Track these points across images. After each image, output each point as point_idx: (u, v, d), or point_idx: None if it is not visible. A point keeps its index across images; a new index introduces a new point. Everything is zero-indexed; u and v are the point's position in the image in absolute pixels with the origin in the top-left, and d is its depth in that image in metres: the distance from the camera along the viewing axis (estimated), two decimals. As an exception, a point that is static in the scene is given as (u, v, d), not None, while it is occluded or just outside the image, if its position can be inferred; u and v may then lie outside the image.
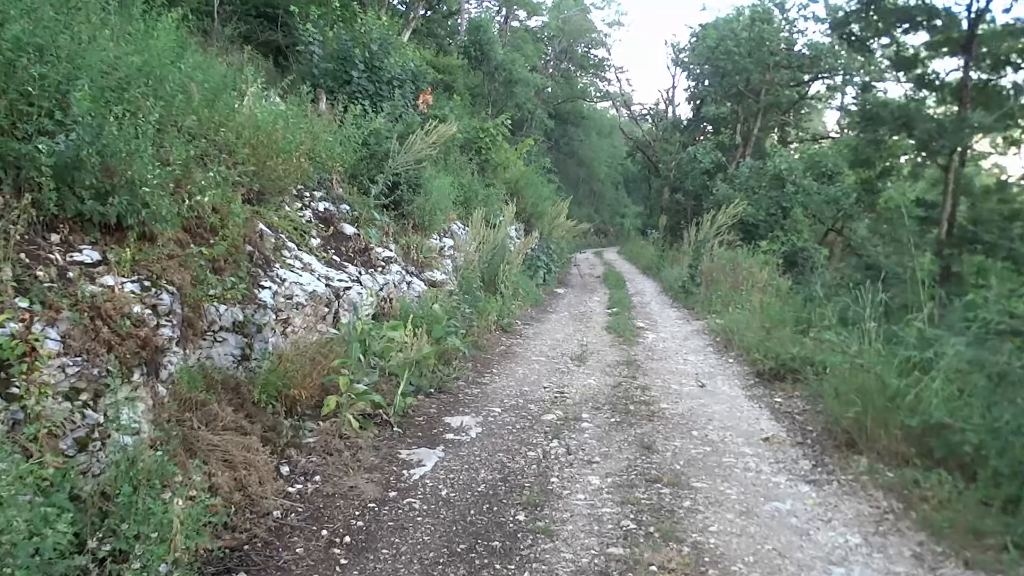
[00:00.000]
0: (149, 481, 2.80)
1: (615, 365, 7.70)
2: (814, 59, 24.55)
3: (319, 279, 6.05)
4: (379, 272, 7.63)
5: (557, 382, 6.68)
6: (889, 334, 5.10)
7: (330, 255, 7.02)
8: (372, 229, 8.03)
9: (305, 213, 7.18)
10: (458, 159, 14.45)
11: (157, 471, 2.81)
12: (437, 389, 6.05)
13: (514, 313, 11.09)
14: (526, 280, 14.40)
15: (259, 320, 4.82)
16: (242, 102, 6.15)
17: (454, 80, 19.96)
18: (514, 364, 7.52)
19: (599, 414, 5.55)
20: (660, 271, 20.09)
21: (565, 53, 40.70)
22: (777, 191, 20.60)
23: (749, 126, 25.42)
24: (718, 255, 14.98)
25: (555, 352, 8.38)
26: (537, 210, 18.57)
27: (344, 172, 8.39)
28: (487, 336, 8.97)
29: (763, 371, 6.87)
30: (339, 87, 11.62)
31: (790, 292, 13.47)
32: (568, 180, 38.70)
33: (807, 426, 5.21)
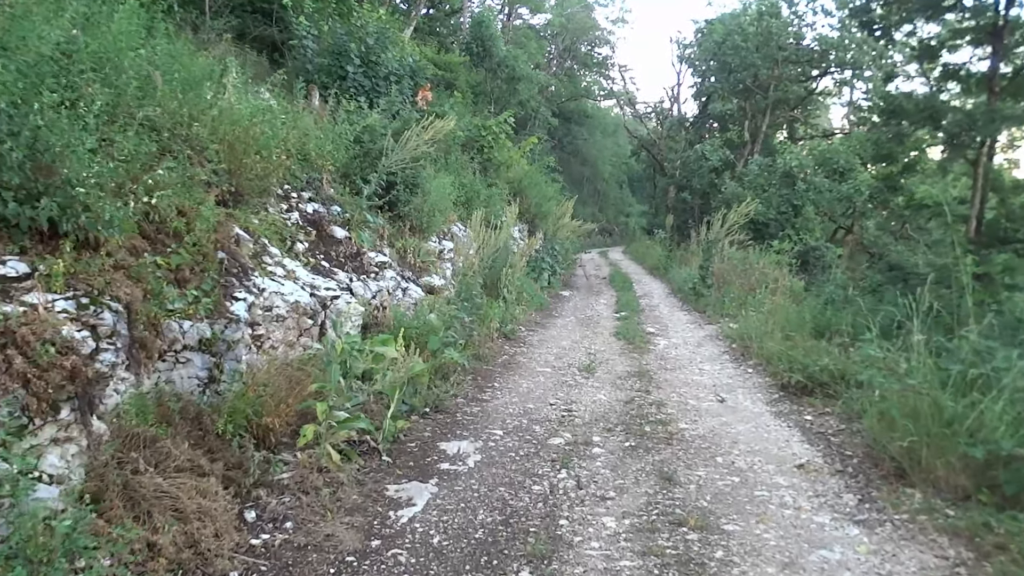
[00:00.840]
0: (65, 547, 2.27)
1: (626, 376, 7.16)
2: (823, 53, 23.94)
3: (303, 288, 5.53)
4: (372, 278, 7.10)
5: (564, 397, 6.14)
6: (935, 346, 4.54)
7: (318, 261, 6.50)
8: (365, 232, 7.50)
9: (291, 216, 6.65)
10: (459, 158, 13.91)
11: (73, 536, 2.27)
12: (433, 408, 5.52)
13: (518, 319, 10.56)
14: (530, 283, 13.86)
15: (230, 336, 4.30)
16: (221, 95, 5.62)
17: (456, 78, 19.43)
18: (518, 376, 6.98)
19: (612, 436, 5.00)
20: (668, 272, 19.54)
21: (568, 51, 40.13)
22: (788, 189, 20.02)
23: (757, 123, 24.82)
24: (729, 255, 14.43)
25: (561, 362, 7.84)
26: (541, 210, 18.02)
27: (335, 171, 7.87)
28: (489, 345, 8.43)
29: (788, 384, 6.31)
30: (334, 83, 11.12)
31: (805, 293, 12.96)
32: (572, 179, 38.16)
33: (845, 450, 4.65)
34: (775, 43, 23.34)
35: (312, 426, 3.82)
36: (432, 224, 9.27)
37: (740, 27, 24.08)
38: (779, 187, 20.10)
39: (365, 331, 6.39)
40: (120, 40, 4.06)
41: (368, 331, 6.41)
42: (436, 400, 5.59)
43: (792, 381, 6.17)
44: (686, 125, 33.88)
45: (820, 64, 24.45)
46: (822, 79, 25.63)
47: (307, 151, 7.48)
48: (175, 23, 8.12)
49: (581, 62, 41.27)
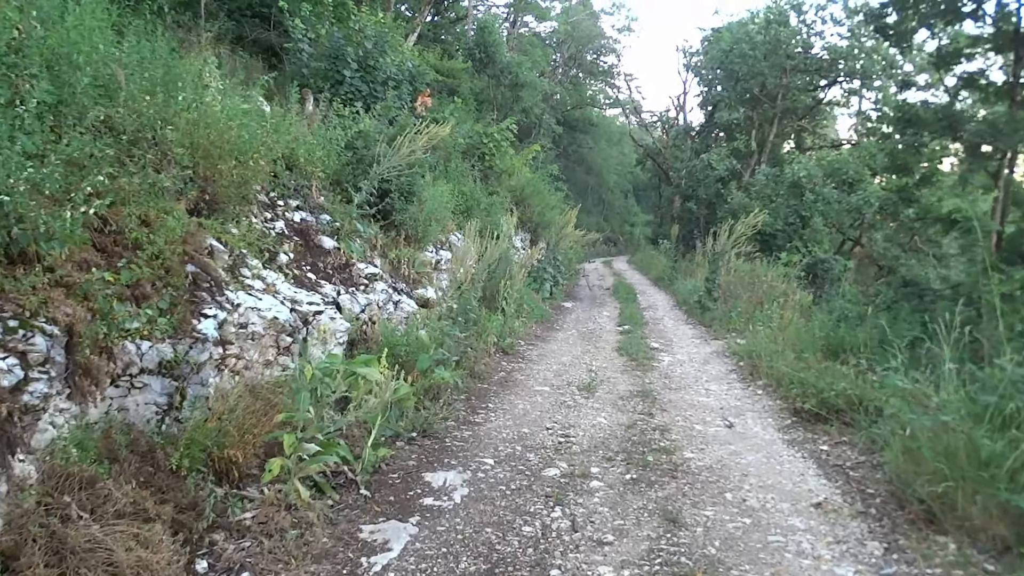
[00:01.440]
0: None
1: (628, 397, 6.78)
2: (832, 62, 23.60)
3: (284, 302, 5.17)
4: (361, 291, 6.74)
5: (562, 421, 5.76)
6: (967, 375, 4.15)
7: (303, 273, 6.15)
8: (355, 242, 7.15)
9: (275, 225, 6.30)
10: (460, 165, 13.58)
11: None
12: (421, 432, 5.14)
13: (517, 332, 10.20)
14: (531, 294, 13.50)
15: (196, 357, 3.94)
16: (201, 97, 5.28)
17: (459, 84, 19.14)
18: (514, 396, 6.60)
19: (611, 468, 4.62)
20: (673, 283, 19.16)
21: (574, 59, 39.88)
22: (796, 200, 19.67)
23: (764, 132, 24.47)
24: (736, 268, 14.05)
25: (561, 380, 7.47)
26: (544, 219, 17.68)
27: (326, 178, 7.53)
28: (485, 361, 8.06)
29: (801, 409, 5.92)
30: (331, 87, 10.81)
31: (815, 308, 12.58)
32: (577, 188, 37.83)
33: (866, 487, 4.26)
34: (783, 51, 23.00)
35: (279, 460, 3.45)
36: (428, 234, 8.92)
37: (748, 35, 23.76)
38: (787, 197, 19.75)
39: (352, 348, 6.04)
40: (77, 34, 3.71)
41: (355, 348, 6.06)
42: (424, 424, 5.21)
43: (806, 407, 5.77)
44: (692, 134, 33.54)
45: (828, 73, 24.10)
46: (830, 88, 25.26)
47: (296, 157, 7.15)
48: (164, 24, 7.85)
49: (587, 70, 41.02)
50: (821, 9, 22.95)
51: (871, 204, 19.16)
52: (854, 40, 22.42)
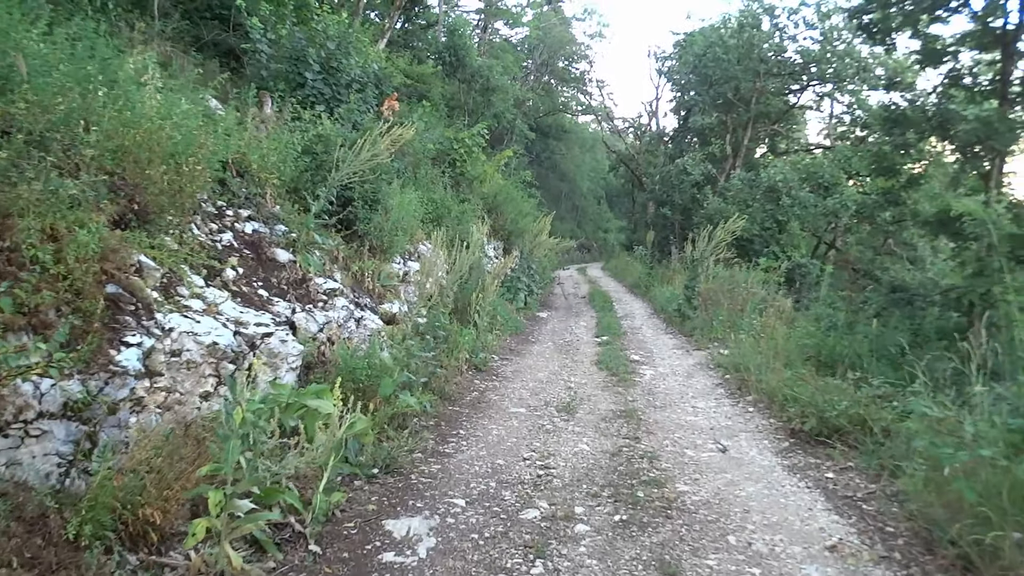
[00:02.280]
0: None
1: (611, 418, 6.28)
2: (805, 66, 23.45)
3: (227, 324, 4.60)
4: (319, 308, 6.18)
5: (541, 449, 5.24)
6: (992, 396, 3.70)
7: (254, 290, 5.57)
8: (313, 254, 6.59)
9: (223, 237, 5.72)
10: (429, 172, 13.05)
11: None
12: (384, 468, 4.59)
13: (491, 346, 9.67)
14: (505, 305, 12.99)
15: (112, 395, 3.36)
16: (127, 95, 4.69)
17: (429, 89, 18.60)
18: (488, 420, 6.07)
19: (598, 506, 4.10)
20: (649, 290, 18.76)
21: (546, 65, 39.53)
22: (772, 204, 19.39)
23: (738, 137, 24.23)
24: (716, 274, 13.65)
25: (538, 399, 6.95)
26: (517, 227, 17.18)
27: (281, 186, 6.95)
28: (457, 380, 7.54)
29: (798, 429, 5.45)
30: (292, 90, 10.24)
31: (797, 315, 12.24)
32: (550, 195, 37.44)
33: (885, 524, 3.79)
34: (757, 55, 22.80)
35: (203, 521, 2.89)
36: (395, 244, 8.37)
37: (721, 39, 23.54)
38: (763, 202, 19.46)
39: (308, 372, 5.47)
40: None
41: (312, 372, 5.49)
42: (387, 458, 4.66)
43: (805, 428, 5.30)
44: (665, 140, 33.31)
45: (801, 77, 23.95)
46: (803, 92, 25.13)
47: (247, 162, 6.58)
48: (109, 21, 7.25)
49: (559, 77, 40.70)
50: (794, 13, 22.76)
51: (848, 208, 18.94)
52: (826, 44, 22.29)
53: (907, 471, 3.90)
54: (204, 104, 7.33)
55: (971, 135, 7.26)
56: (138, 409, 3.58)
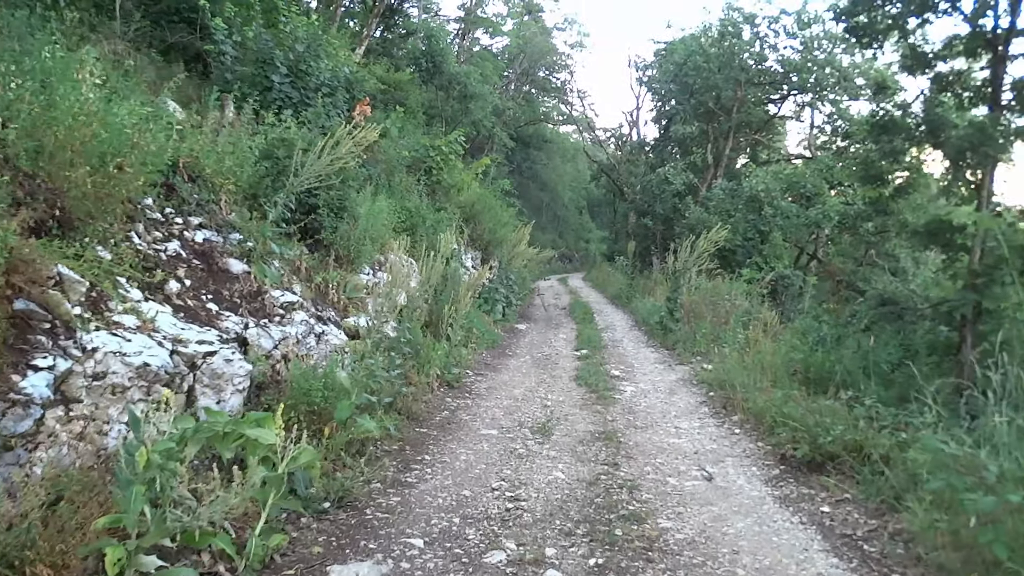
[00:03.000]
0: None
1: (589, 440, 5.88)
2: (785, 75, 23.30)
3: (163, 342, 4.15)
4: (275, 323, 5.73)
5: (512, 477, 4.82)
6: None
7: (202, 303, 5.13)
8: (271, 265, 6.14)
9: (168, 246, 5.27)
10: (404, 180, 12.63)
11: None
12: (336, 502, 4.15)
13: (465, 361, 9.25)
14: (481, 317, 12.57)
15: (9, 428, 2.92)
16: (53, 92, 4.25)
17: (407, 97, 18.20)
18: (456, 443, 5.64)
19: (571, 547, 3.69)
20: (631, 301, 18.42)
21: (526, 75, 39.30)
22: (754, 214, 19.16)
23: (720, 146, 24.04)
24: (699, 286, 13.33)
25: (512, 420, 6.53)
26: (496, 236, 16.80)
27: (238, 191, 6.51)
28: (427, 398, 7.11)
29: (788, 455, 5.08)
30: (259, 94, 9.81)
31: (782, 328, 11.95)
32: (531, 205, 37.12)
33: (890, 569, 3.41)
34: (738, 64, 22.63)
35: (102, 582, 2.45)
36: (363, 254, 7.95)
37: (702, 48, 23.37)
38: (745, 212, 19.22)
39: (259, 393, 5.02)
40: None
41: (263, 393, 5.04)
42: (341, 490, 4.22)
43: (798, 454, 4.91)
44: (646, 150, 33.13)
45: (782, 86, 23.82)
46: (784, 102, 25.01)
47: (200, 166, 6.14)
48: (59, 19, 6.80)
49: (539, 86, 40.47)
50: (774, 22, 22.62)
51: (830, 218, 18.74)
52: (807, 52, 22.16)
53: (911, 507, 3.53)
54: (158, 106, 6.91)
55: (964, 141, 6.96)
56: (47, 443, 3.14)
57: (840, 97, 22.14)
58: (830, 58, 21.65)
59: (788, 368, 7.96)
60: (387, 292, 9.10)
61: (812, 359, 7.56)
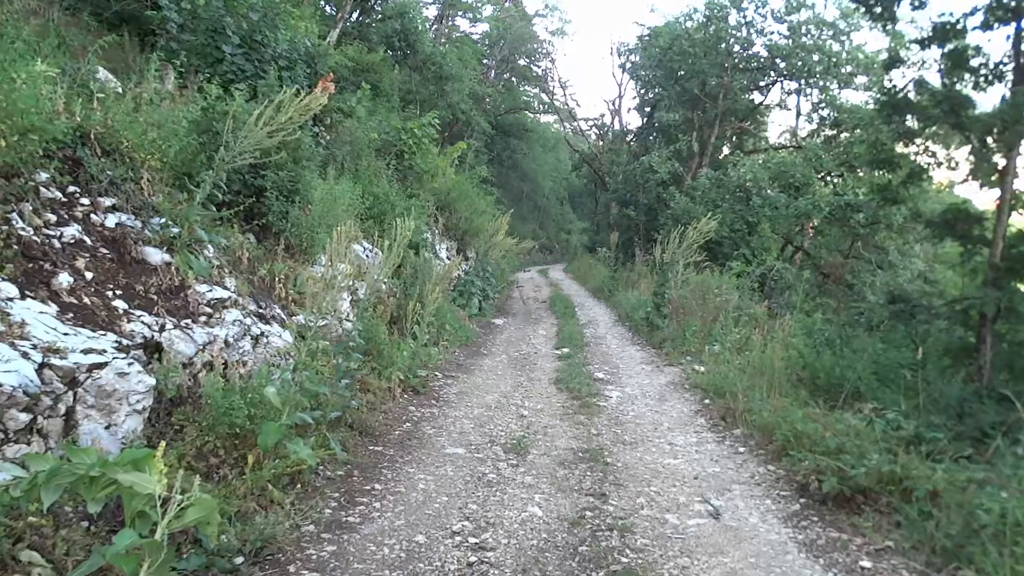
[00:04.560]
0: None
1: (572, 461, 5.05)
2: (772, 60, 22.54)
3: (30, 353, 3.25)
4: (201, 323, 4.83)
5: (477, 515, 3.97)
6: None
7: (106, 300, 4.21)
8: (198, 255, 5.23)
9: (65, 231, 4.35)
10: (372, 164, 11.69)
11: None
12: (253, 555, 3.28)
13: (435, 361, 8.40)
14: (455, 312, 11.71)
15: None
16: None
17: (380, 79, 17.20)
18: (415, 467, 4.78)
19: (550, 623, 2.85)
20: (613, 294, 17.62)
21: (507, 62, 38.35)
22: (742, 205, 18.44)
23: (705, 134, 23.26)
24: (687, 280, 12.51)
25: (482, 434, 5.69)
26: (472, 226, 15.88)
27: (164, 169, 5.58)
28: (387, 406, 6.25)
29: (812, 488, 4.26)
30: (209, 66, 8.86)
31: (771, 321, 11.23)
32: (511, 195, 36.25)
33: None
34: (724, 49, 21.86)
35: None
36: (317, 243, 7.03)
37: (687, 32, 22.56)
38: (732, 202, 18.49)
39: (171, 412, 4.12)
40: None
41: (176, 412, 4.14)
42: (261, 538, 3.35)
43: (823, 488, 4.08)
44: (629, 139, 32.35)
45: (769, 72, 23.07)
46: (771, 89, 24.28)
47: (115, 139, 5.21)
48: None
49: (520, 75, 39.52)
50: (762, 6, 21.83)
51: (821, 209, 18.06)
52: (795, 37, 21.41)
53: (978, 560, 2.73)
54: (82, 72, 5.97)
55: (995, 119, 6.19)
56: None
57: (829, 84, 21.43)
58: (819, 43, 20.92)
59: (790, 372, 7.20)
60: (348, 286, 8.22)
61: (820, 363, 6.79)
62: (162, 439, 3.96)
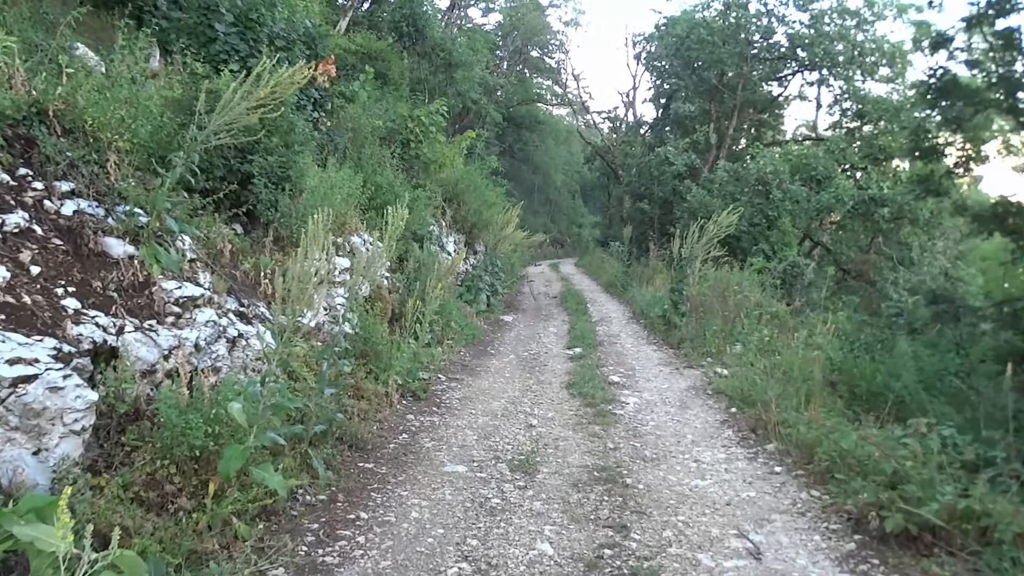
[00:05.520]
0: None
1: (586, 482, 4.47)
2: (793, 50, 21.76)
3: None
4: (168, 325, 4.27)
5: (478, 552, 3.39)
6: None
7: (54, 300, 3.65)
8: (169, 247, 4.67)
9: (9, 219, 3.80)
10: (376, 152, 11.12)
11: None
12: (203, 610, 2.72)
13: (438, 362, 7.84)
14: (463, 309, 11.14)
15: None
16: None
17: (389, 67, 16.61)
18: (408, 489, 4.21)
19: None
20: (627, 290, 16.97)
21: (519, 53, 37.70)
22: (761, 198, 17.74)
23: (723, 126, 22.55)
24: (708, 276, 11.86)
25: (486, 448, 5.11)
26: (481, 218, 15.27)
27: (134, 151, 5.01)
28: (383, 414, 5.68)
29: (862, 516, 3.66)
30: (202, 46, 8.30)
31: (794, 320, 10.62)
32: (522, 188, 35.58)
33: None
34: (744, 37, 21.13)
35: None
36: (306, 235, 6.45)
37: (705, 20, 21.83)
38: (751, 196, 17.80)
39: (123, 431, 3.56)
40: None
41: (129, 431, 3.58)
42: (216, 587, 2.79)
43: (887, 526, 3.47)
44: (642, 132, 31.65)
45: (791, 62, 22.30)
46: (792, 79, 23.52)
47: (78, 117, 4.66)
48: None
49: (533, 66, 38.85)
50: (783, -8, 21.10)
51: (844, 203, 17.37)
52: (817, 24, 20.63)
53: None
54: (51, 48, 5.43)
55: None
56: None
57: (853, 74, 20.64)
58: (843, 31, 20.14)
59: (824, 378, 6.58)
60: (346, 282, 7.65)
61: (859, 369, 6.17)
62: (109, 463, 3.42)
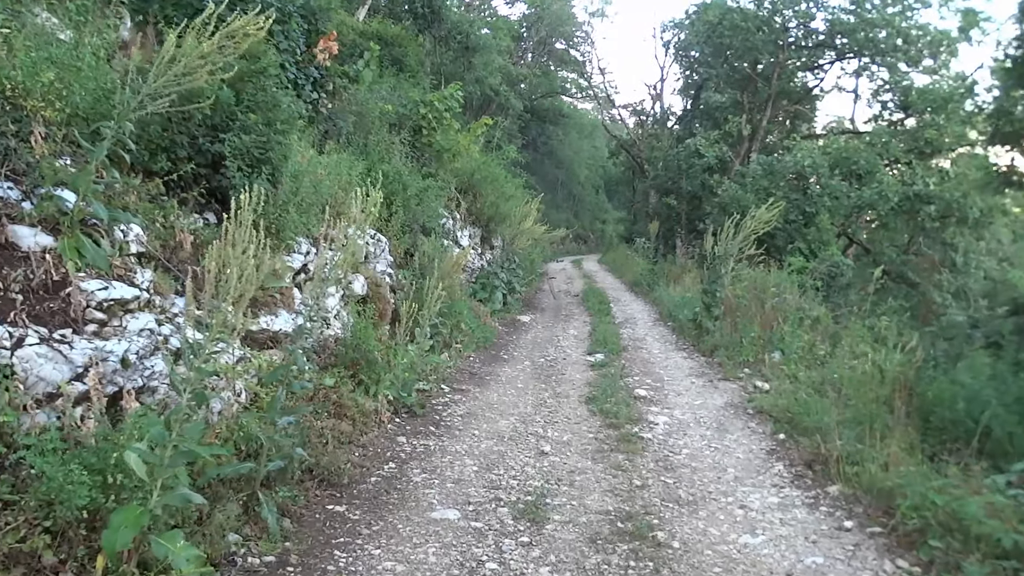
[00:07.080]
0: None
1: (607, 539, 3.56)
2: (832, 37, 20.49)
3: None
4: (88, 335, 3.42)
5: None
6: None
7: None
8: (102, 238, 3.82)
9: None
10: (384, 139, 10.26)
11: None
12: None
13: (440, 370, 6.97)
14: (474, 309, 10.26)
15: None
16: None
17: (406, 53, 15.75)
18: (382, 544, 3.32)
19: None
20: (653, 289, 16.00)
21: (544, 44, 36.69)
22: (798, 193, 16.65)
23: (756, 117, 21.39)
24: (739, 276, 10.86)
25: (487, 483, 4.22)
26: (499, 212, 14.34)
27: (65, 122, 4.17)
28: (367, 437, 4.82)
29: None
30: (189, 17, 7.44)
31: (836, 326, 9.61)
32: (545, 182, 34.57)
33: None
34: (780, 24, 19.98)
35: None
36: (285, 226, 5.59)
37: (739, 5, 20.69)
38: (787, 191, 16.69)
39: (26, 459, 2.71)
40: None
41: (3, 480, 2.72)
42: None
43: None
44: (670, 125, 30.54)
45: (830, 50, 21.05)
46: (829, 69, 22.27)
47: None
48: None
49: (558, 59, 37.82)
50: (823, -24, 19.89)
51: (888, 199, 16.23)
52: (860, 11, 19.39)
53: None
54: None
55: None
56: None
57: (898, 62, 19.38)
58: (889, 17, 18.90)
59: (888, 400, 5.59)
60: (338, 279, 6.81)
61: (934, 392, 5.18)
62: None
